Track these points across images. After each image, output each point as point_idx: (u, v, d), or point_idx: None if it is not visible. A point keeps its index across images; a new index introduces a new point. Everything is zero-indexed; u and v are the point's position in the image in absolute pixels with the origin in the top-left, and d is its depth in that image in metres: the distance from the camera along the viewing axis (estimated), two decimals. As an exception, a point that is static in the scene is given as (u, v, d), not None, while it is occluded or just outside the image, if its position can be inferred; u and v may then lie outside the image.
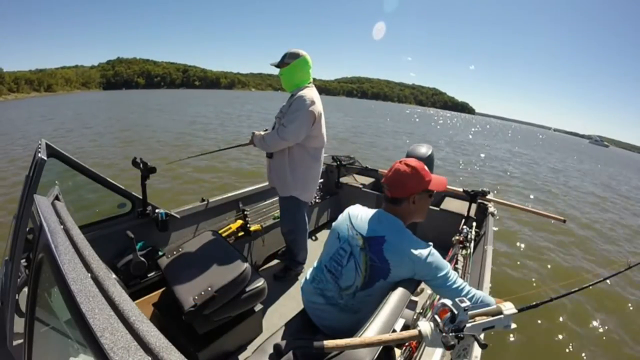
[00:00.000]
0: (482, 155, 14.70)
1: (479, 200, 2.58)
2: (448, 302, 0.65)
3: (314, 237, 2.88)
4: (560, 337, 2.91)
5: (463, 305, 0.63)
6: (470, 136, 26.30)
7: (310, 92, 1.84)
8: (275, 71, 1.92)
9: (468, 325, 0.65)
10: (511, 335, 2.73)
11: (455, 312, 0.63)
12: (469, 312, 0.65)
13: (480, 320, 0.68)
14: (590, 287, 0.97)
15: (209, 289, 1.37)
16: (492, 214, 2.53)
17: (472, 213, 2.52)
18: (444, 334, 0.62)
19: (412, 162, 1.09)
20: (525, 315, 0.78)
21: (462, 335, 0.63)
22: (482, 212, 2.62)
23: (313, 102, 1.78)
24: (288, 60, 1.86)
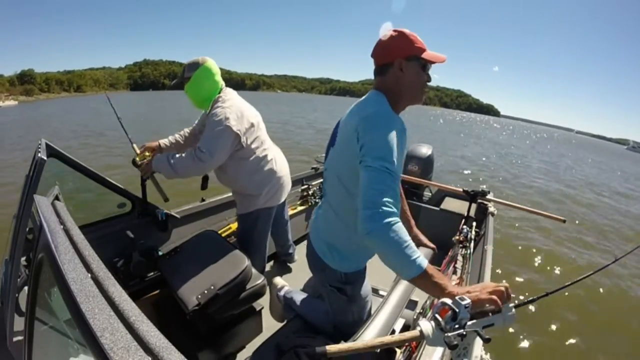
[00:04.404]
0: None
1: (479, 200, 2.58)
2: (448, 300, 0.65)
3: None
4: (558, 332, 2.92)
5: (464, 302, 0.63)
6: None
7: (224, 105, 1.56)
8: (299, 72, 1.90)
9: (469, 323, 0.65)
10: (511, 334, 2.73)
11: (457, 310, 0.63)
12: (470, 311, 0.65)
13: (480, 317, 0.68)
14: (583, 280, 0.97)
15: (212, 287, 1.37)
16: (492, 214, 2.53)
17: (472, 213, 2.52)
18: (446, 334, 0.62)
19: (402, 29, 0.96)
20: (524, 312, 0.78)
21: (464, 333, 0.63)
22: (482, 212, 2.62)
23: (227, 118, 1.51)
24: (188, 74, 1.60)
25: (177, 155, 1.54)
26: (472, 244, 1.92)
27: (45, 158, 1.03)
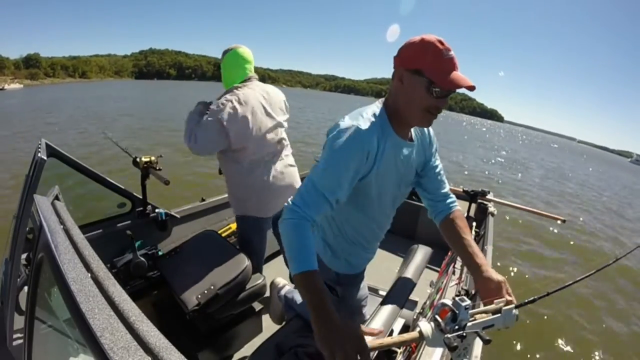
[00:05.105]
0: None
1: (479, 200, 2.58)
2: (448, 301, 0.65)
3: None
4: (559, 329, 2.92)
5: (464, 304, 0.63)
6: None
7: (229, 97, 1.51)
8: (305, 67, 1.77)
9: (469, 324, 0.64)
10: (512, 334, 2.73)
11: (456, 311, 0.63)
12: (470, 311, 0.65)
13: (480, 318, 0.68)
14: (583, 280, 0.96)
15: (212, 287, 1.37)
16: (492, 214, 2.53)
17: (472, 213, 2.52)
18: (446, 335, 0.62)
19: (430, 36, 0.79)
20: (525, 312, 0.77)
21: (464, 334, 0.62)
22: (482, 212, 2.62)
23: (222, 111, 1.46)
24: (221, 57, 1.62)
25: (201, 121, 1.50)
26: None
27: (45, 158, 1.03)
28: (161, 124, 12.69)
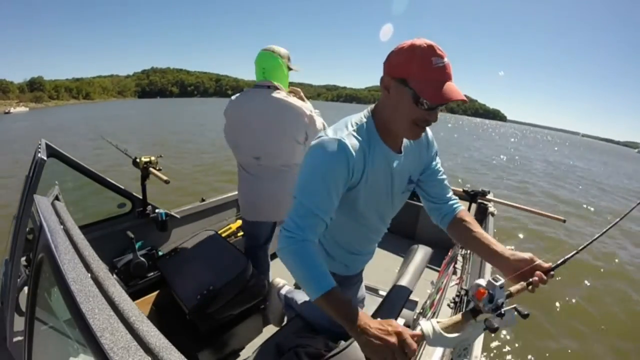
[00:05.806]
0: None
1: (479, 200, 2.58)
2: (482, 282, 0.63)
3: None
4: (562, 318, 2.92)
5: (498, 283, 0.61)
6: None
7: (239, 96, 1.59)
8: (306, 79, 1.69)
9: (505, 306, 0.62)
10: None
11: (491, 292, 0.61)
12: (505, 292, 0.62)
13: (516, 294, 0.66)
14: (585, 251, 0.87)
15: (212, 287, 1.37)
16: (492, 214, 2.54)
17: (472, 213, 2.52)
18: (486, 318, 0.60)
19: (421, 40, 0.72)
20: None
21: (503, 312, 0.60)
22: (482, 212, 2.62)
23: (226, 110, 1.59)
24: None
25: None
26: None
27: (45, 158, 1.03)
28: (171, 137, 13.61)
